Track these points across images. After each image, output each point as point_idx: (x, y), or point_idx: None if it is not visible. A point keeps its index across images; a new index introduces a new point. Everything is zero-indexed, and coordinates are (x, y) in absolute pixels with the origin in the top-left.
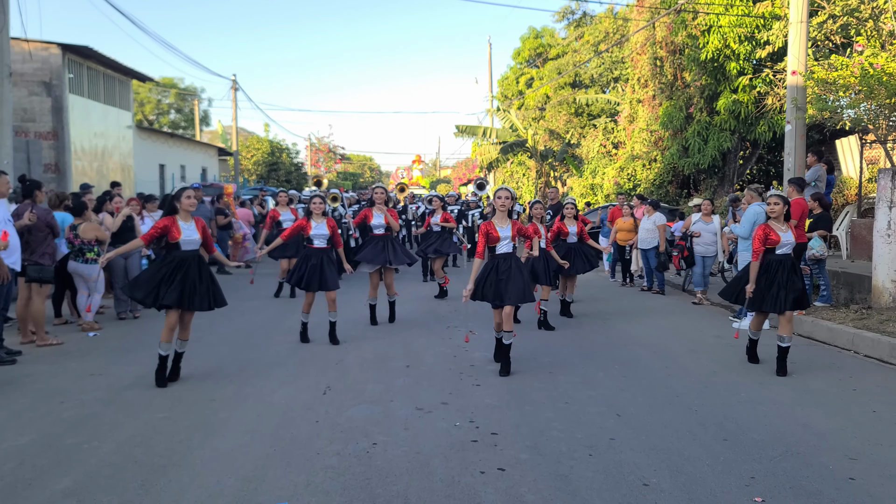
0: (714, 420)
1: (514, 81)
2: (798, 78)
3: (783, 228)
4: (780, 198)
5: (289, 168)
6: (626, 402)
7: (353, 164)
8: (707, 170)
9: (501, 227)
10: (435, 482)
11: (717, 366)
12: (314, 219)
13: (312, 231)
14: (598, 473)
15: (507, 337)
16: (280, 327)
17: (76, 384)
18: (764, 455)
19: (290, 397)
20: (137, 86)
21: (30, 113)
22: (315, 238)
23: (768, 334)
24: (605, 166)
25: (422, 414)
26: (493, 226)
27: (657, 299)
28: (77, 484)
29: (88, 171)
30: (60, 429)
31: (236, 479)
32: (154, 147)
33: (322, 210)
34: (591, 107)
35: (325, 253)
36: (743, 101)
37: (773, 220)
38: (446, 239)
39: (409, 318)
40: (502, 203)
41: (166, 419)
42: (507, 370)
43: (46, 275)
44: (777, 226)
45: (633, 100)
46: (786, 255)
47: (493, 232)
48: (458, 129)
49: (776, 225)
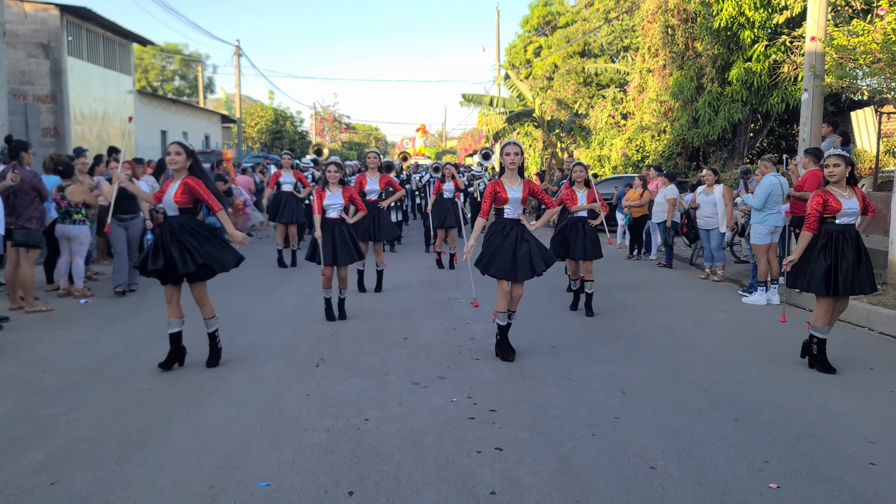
0: (724, 399)
1: (521, 50)
2: (817, 44)
3: (845, 194)
4: (842, 158)
5: (293, 136)
6: (631, 378)
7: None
8: (717, 142)
9: (511, 186)
10: (428, 462)
11: (726, 341)
12: (329, 188)
13: (326, 200)
14: (602, 455)
15: (511, 317)
16: (276, 295)
17: (61, 352)
18: (778, 437)
19: (282, 369)
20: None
21: (28, 75)
22: (329, 208)
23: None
24: (614, 137)
25: (417, 389)
26: (502, 185)
27: (664, 273)
28: (50, 458)
29: (88, 136)
30: (40, 398)
31: (218, 456)
32: (156, 113)
33: (338, 178)
34: (600, 76)
35: (340, 225)
36: (756, 70)
37: (834, 185)
38: (453, 210)
39: (408, 288)
40: (511, 160)
41: (150, 390)
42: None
43: (33, 239)
44: (837, 191)
45: (643, 69)
46: (848, 226)
47: (502, 192)
48: (465, 98)
49: (836, 190)
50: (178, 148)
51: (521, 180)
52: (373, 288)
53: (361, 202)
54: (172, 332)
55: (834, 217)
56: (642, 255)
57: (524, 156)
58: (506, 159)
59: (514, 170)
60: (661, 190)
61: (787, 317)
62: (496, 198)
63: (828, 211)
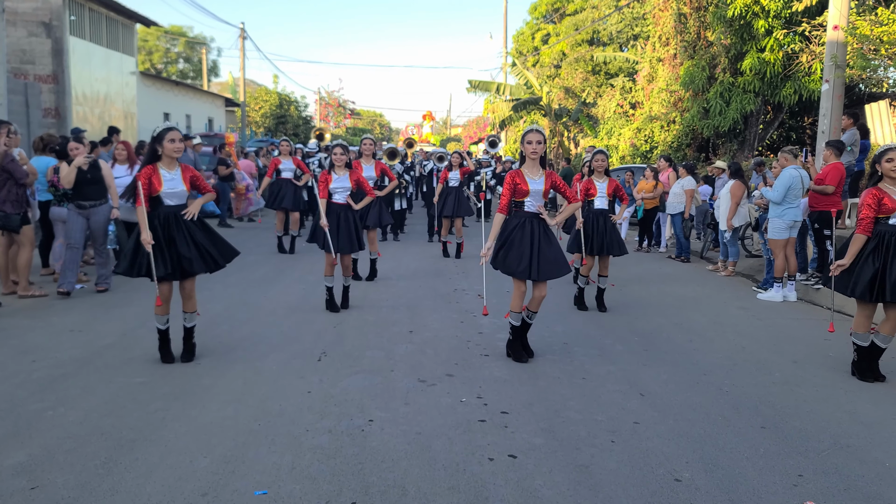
0: (748, 403)
1: (529, 37)
2: (839, 33)
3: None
4: None
5: (297, 121)
6: (648, 379)
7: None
8: (727, 133)
9: (532, 178)
10: (437, 470)
11: (745, 340)
12: (336, 171)
13: (333, 184)
14: (623, 465)
15: (532, 317)
16: (277, 284)
17: (53, 340)
18: (810, 448)
19: (282, 363)
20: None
21: (29, 54)
22: (335, 192)
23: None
24: (622, 127)
25: (424, 387)
26: (523, 176)
27: (674, 266)
28: (32, 459)
29: (90, 117)
30: (26, 392)
31: (212, 459)
32: (159, 95)
33: (344, 161)
34: (609, 65)
35: (346, 211)
36: (770, 60)
37: (889, 182)
38: (460, 199)
39: (413, 278)
40: (534, 149)
41: (143, 384)
42: (530, 352)
43: (11, 223)
44: (892, 188)
45: (653, 58)
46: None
47: (522, 184)
48: (472, 85)
49: (891, 187)
50: (180, 135)
51: (543, 171)
52: (366, 277)
53: (369, 186)
54: (165, 327)
55: (888, 217)
56: (652, 248)
57: (546, 144)
58: (527, 148)
59: (536, 160)
60: (679, 181)
61: (806, 315)
62: (516, 190)
63: (882, 211)
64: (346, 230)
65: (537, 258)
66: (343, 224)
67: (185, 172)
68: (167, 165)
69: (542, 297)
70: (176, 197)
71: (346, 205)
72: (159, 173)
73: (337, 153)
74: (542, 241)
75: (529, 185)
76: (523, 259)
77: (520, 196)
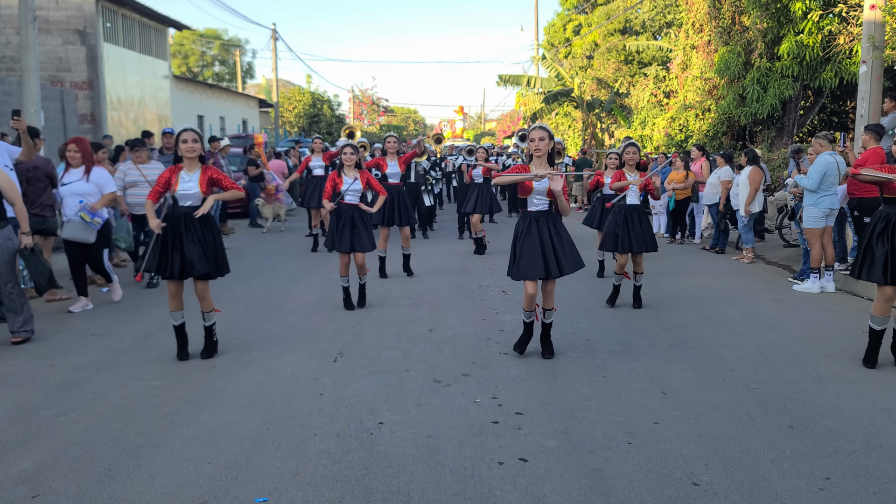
0: (776, 401)
1: (560, 28)
2: (877, 13)
3: None
4: None
5: (330, 120)
6: (672, 376)
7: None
8: (765, 120)
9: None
10: (444, 475)
11: (777, 334)
12: (345, 171)
13: (343, 186)
14: (638, 468)
15: (549, 315)
16: (302, 283)
17: (73, 345)
18: (840, 449)
19: (297, 364)
20: (181, 38)
21: (65, 62)
22: (346, 194)
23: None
24: (656, 117)
25: (439, 387)
26: (529, 171)
27: (707, 257)
28: (37, 466)
29: (125, 122)
30: (41, 397)
31: (216, 465)
32: (192, 98)
33: (354, 161)
34: (642, 54)
35: (356, 210)
36: (808, 44)
37: None
38: (485, 194)
39: (439, 275)
40: (537, 146)
41: (157, 388)
42: (551, 351)
43: (51, 226)
44: None
45: (687, 46)
46: None
47: (527, 181)
48: (501, 79)
49: None
50: (193, 135)
51: (549, 169)
52: (400, 272)
53: (380, 185)
54: (177, 323)
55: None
56: (686, 239)
57: (554, 141)
58: (531, 145)
59: (543, 157)
60: (716, 171)
61: (844, 306)
62: (521, 186)
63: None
64: (354, 230)
65: (550, 255)
66: (351, 224)
67: (204, 174)
68: (188, 167)
69: (550, 291)
70: (189, 199)
71: (357, 205)
72: (179, 174)
73: (347, 153)
74: (553, 238)
75: (533, 183)
76: (532, 259)
77: (524, 192)
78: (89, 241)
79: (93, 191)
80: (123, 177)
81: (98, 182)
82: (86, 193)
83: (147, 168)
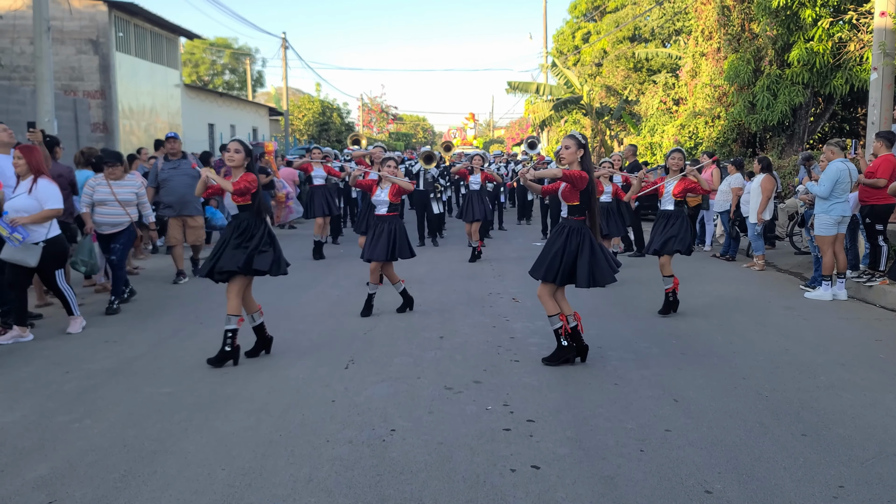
0: (789, 409)
1: (569, 36)
2: (887, 20)
3: None
4: None
5: (339, 128)
6: (684, 384)
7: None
8: (775, 127)
9: None
10: (456, 481)
11: (789, 342)
12: (381, 183)
13: (374, 196)
14: (650, 475)
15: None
16: (312, 290)
17: (86, 351)
18: (853, 457)
19: (309, 371)
20: (192, 46)
21: (77, 71)
22: (377, 205)
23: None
24: (665, 124)
25: (450, 395)
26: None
27: (718, 265)
28: (53, 472)
29: (136, 131)
30: (56, 403)
31: (230, 471)
32: (203, 106)
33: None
34: (651, 62)
35: (390, 221)
36: (818, 51)
37: None
38: (478, 203)
39: (448, 282)
40: (562, 154)
41: (170, 395)
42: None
43: (73, 233)
44: None
45: (696, 53)
46: None
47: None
48: (511, 86)
49: None
50: (237, 146)
51: None
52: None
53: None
54: (257, 324)
55: None
56: (696, 247)
57: (582, 151)
58: (564, 153)
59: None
60: (727, 178)
61: (856, 314)
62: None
63: None
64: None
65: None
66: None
67: (237, 183)
68: (233, 175)
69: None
70: (231, 207)
71: (385, 216)
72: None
73: (390, 166)
74: (582, 249)
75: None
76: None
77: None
78: (29, 265)
79: (33, 207)
80: (91, 192)
81: (40, 197)
82: (25, 210)
83: (120, 185)
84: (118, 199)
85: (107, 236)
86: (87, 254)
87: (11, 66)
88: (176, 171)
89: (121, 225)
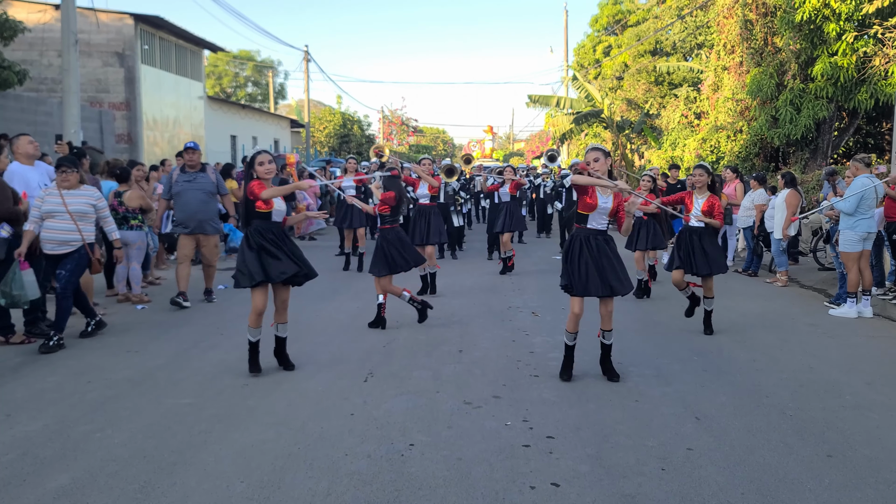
0: (814, 429)
1: (590, 50)
2: None
3: None
4: None
5: (360, 140)
6: (706, 401)
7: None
8: (798, 141)
9: (603, 193)
10: (475, 499)
11: (814, 360)
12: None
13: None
14: (672, 495)
15: (608, 336)
16: (332, 302)
17: (109, 361)
18: (880, 479)
19: (328, 384)
20: (215, 59)
21: (103, 83)
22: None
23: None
24: (686, 138)
25: (469, 409)
26: (595, 190)
27: (740, 280)
28: (74, 482)
29: (160, 142)
30: (78, 413)
31: (249, 484)
32: (226, 118)
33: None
34: (673, 75)
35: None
36: (843, 65)
37: None
38: (515, 214)
39: (468, 296)
40: (593, 168)
41: (190, 406)
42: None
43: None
44: None
45: (718, 67)
46: None
47: (592, 198)
48: (531, 99)
49: None
50: (269, 157)
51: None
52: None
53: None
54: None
55: None
56: None
57: (610, 160)
58: (591, 166)
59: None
60: (749, 194)
61: (882, 332)
62: (583, 201)
63: None
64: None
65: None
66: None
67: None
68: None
69: (609, 313)
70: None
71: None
72: None
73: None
74: (602, 258)
75: (598, 201)
76: (581, 276)
77: (586, 209)
78: None
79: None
80: (40, 204)
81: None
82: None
83: (73, 195)
84: (69, 210)
85: (53, 258)
86: (18, 284)
87: (39, 78)
88: (191, 184)
89: (70, 245)
